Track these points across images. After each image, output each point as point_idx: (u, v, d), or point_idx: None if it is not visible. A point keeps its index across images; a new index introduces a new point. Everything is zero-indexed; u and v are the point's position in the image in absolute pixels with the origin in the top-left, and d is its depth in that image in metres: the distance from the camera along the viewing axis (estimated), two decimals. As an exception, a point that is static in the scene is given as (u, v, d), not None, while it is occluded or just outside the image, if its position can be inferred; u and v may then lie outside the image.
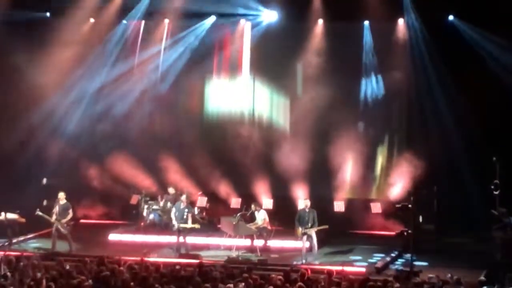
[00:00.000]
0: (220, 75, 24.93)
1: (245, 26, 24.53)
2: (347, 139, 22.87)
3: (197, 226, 20.85)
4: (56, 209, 20.20)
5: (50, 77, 23.49)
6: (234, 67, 24.77)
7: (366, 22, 23.15)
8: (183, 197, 20.83)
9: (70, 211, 20.36)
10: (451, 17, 22.39)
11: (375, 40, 23.05)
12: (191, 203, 21.61)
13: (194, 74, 24.70)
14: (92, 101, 24.73)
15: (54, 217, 20.16)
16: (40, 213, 20.33)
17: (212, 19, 24.48)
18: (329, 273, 15.08)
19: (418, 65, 22.30)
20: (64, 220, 20.14)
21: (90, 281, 13.81)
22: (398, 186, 22.29)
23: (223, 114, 24.85)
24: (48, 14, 24.61)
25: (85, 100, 24.62)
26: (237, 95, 24.77)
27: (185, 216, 20.45)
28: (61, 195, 20.34)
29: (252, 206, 21.02)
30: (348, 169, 23.30)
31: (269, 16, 24.16)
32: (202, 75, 24.94)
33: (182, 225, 20.39)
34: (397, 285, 14.26)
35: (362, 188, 23.58)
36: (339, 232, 21.99)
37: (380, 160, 23.60)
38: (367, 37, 23.15)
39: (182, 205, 20.58)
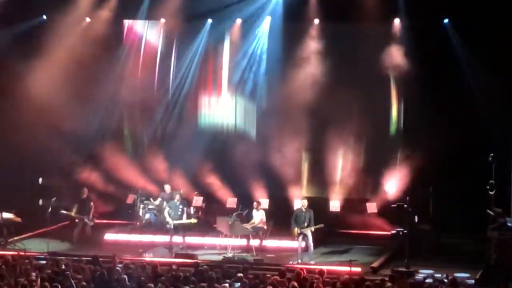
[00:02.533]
0: (206, 91, 24.95)
1: (229, 40, 24.40)
2: (342, 139, 22.95)
3: (193, 220, 20.91)
4: (76, 205, 21.18)
5: (49, 79, 23.44)
6: (216, 86, 24.82)
7: (362, 23, 23.04)
8: (177, 195, 20.99)
9: (92, 204, 21.33)
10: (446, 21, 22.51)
11: (370, 41, 22.95)
12: (187, 201, 21.64)
13: (189, 81, 24.76)
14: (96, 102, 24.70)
15: (74, 211, 21.16)
16: (65, 212, 21.23)
17: (208, 22, 24.43)
18: (321, 273, 15.06)
19: (413, 66, 22.26)
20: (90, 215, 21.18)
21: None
22: (393, 186, 22.33)
23: (215, 123, 24.84)
24: (44, 16, 24.49)
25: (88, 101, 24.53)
26: (222, 108, 24.74)
27: (179, 212, 20.63)
28: (85, 190, 21.42)
29: (254, 204, 21.15)
30: (341, 168, 23.36)
31: (265, 24, 24.09)
32: (196, 85, 24.94)
33: (177, 222, 20.47)
34: (393, 285, 14.29)
35: (357, 188, 23.65)
36: (334, 232, 22.05)
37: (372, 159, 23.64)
38: (363, 38, 23.02)
39: (177, 202, 20.79)
